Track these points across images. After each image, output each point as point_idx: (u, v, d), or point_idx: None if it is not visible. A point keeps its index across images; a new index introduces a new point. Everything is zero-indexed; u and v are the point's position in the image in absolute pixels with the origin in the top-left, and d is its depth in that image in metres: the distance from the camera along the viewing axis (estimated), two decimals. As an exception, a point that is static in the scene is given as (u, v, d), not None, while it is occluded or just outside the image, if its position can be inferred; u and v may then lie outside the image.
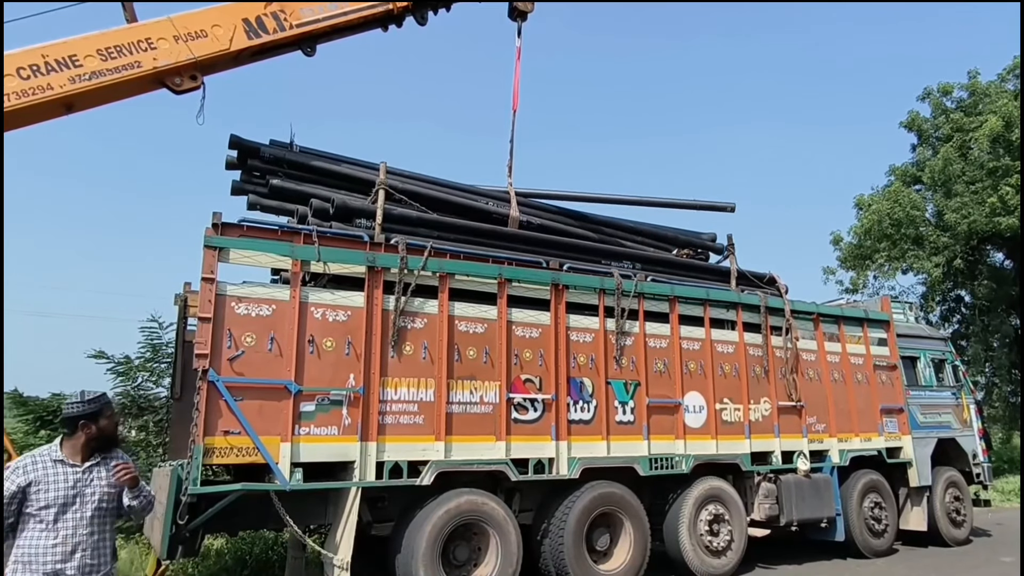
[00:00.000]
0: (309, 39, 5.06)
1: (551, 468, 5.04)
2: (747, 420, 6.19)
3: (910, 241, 15.42)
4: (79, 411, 2.25)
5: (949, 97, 16.11)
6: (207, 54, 4.58)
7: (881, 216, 15.14)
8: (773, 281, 7.16)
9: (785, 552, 6.86)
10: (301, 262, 4.47)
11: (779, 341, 6.65)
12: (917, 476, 7.18)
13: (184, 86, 4.55)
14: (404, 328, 4.70)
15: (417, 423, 4.63)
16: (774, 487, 6.16)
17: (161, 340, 7.53)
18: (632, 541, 5.27)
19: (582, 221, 6.62)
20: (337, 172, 5.51)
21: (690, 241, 7.18)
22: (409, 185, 5.57)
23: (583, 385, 5.37)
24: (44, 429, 7.11)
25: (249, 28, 4.72)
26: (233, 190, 5.53)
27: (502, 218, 5.88)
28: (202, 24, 4.59)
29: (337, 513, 4.39)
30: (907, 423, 7.35)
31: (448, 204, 5.75)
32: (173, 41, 4.48)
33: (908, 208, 14.95)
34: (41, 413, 7.17)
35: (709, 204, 7.52)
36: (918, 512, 7.28)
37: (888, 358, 7.50)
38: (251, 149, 5.31)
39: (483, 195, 6.10)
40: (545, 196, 6.67)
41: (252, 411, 4.11)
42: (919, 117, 16.51)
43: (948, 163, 14.61)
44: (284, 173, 5.28)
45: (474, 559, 4.73)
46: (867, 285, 16.61)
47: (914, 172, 16.41)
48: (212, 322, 4.08)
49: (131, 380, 7.46)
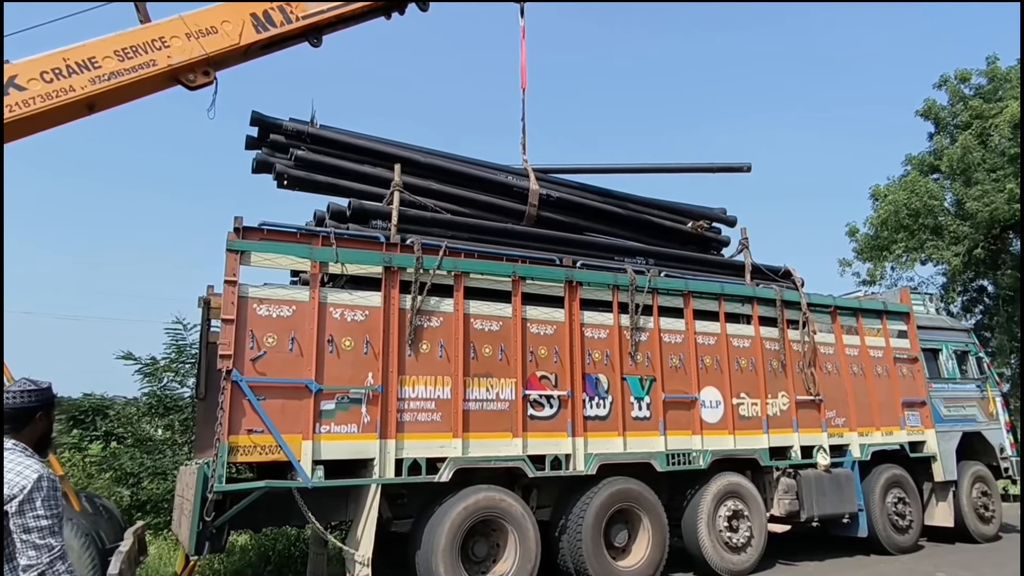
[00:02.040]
0: (315, 30, 5.17)
1: (568, 464, 5.06)
2: (765, 415, 6.14)
3: (928, 231, 15.08)
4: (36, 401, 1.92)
5: (967, 84, 15.72)
6: (218, 49, 4.72)
7: (898, 206, 14.83)
8: (789, 274, 7.08)
9: (806, 548, 6.79)
10: (320, 263, 4.55)
11: (796, 335, 6.58)
12: (942, 470, 7.04)
13: (197, 82, 4.71)
14: (420, 327, 4.76)
15: (435, 420, 4.69)
16: (794, 482, 6.10)
17: (185, 341, 7.73)
18: (650, 537, 5.27)
19: (602, 195, 6.65)
20: (358, 146, 5.58)
21: (703, 214, 7.17)
22: (431, 160, 5.67)
23: (598, 381, 5.38)
24: (76, 428, 7.35)
25: (257, 22, 4.87)
26: (256, 166, 5.42)
27: (523, 191, 5.95)
28: (212, 21, 4.75)
29: (358, 510, 4.47)
30: (930, 416, 7.21)
31: (470, 178, 5.83)
32: (185, 39, 4.64)
33: (926, 198, 14.62)
34: (74, 413, 7.42)
35: (724, 166, 7.48)
36: (944, 507, 7.13)
37: (909, 350, 7.37)
38: (273, 124, 5.39)
39: (502, 170, 6.15)
40: (560, 171, 6.70)
41: (274, 410, 4.20)
42: (935, 105, 16.13)
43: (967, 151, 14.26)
44: (306, 147, 5.34)
45: (493, 555, 4.77)
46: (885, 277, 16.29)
47: (931, 161, 16.04)
48: (235, 323, 4.18)
49: (157, 380, 7.67)
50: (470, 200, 5.78)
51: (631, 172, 7.16)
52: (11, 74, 4.18)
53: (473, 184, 5.85)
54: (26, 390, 1.92)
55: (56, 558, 1.73)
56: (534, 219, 6.04)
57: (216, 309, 5.04)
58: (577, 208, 6.37)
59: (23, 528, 1.72)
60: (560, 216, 6.24)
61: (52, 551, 1.73)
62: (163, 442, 7.46)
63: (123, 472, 7.04)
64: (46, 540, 1.73)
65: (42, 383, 1.96)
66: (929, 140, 16.72)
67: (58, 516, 1.78)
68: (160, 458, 7.19)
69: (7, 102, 4.13)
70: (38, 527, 1.72)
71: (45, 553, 1.72)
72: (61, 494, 1.83)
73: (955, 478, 7.14)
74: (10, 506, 1.71)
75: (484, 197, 5.85)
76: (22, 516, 1.72)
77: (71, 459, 6.95)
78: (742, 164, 7.45)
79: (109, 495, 6.58)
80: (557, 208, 6.21)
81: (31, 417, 1.90)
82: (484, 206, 5.86)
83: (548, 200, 6.06)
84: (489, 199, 5.88)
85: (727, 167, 7.50)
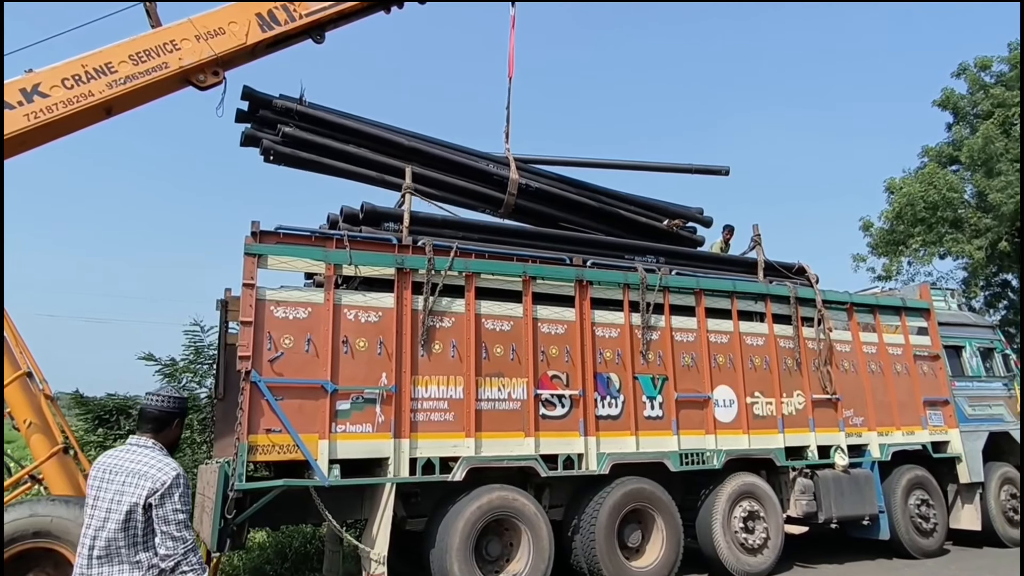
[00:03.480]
0: (318, 27, 5.31)
1: (580, 464, 5.06)
2: (780, 414, 6.06)
3: (948, 224, 14.68)
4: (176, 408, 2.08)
5: (988, 72, 15.27)
6: (226, 49, 4.89)
7: (914, 199, 14.46)
8: (803, 271, 6.98)
9: (825, 550, 6.68)
10: (334, 266, 4.63)
11: (811, 332, 6.48)
12: (967, 472, 6.86)
13: (208, 82, 4.90)
14: (433, 327, 4.81)
15: (448, 420, 4.73)
16: (811, 483, 6.01)
17: (203, 343, 7.89)
18: (664, 538, 5.24)
19: (580, 188, 6.66)
20: (345, 126, 5.63)
21: (679, 212, 7.14)
22: (414, 143, 5.76)
23: (610, 380, 5.37)
24: (102, 427, 7.57)
25: (262, 22, 5.04)
26: (244, 139, 5.45)
27: (502, 180, 6.00)
28: (219, 22, 4.92)
29: (373, 508, 4.53)
30: (954, 416, 7.04)
31: (451, 163, 5.89)
32: (195, 40, 4.82)
33: (945, 190, 14.23)
34: (99, 412, 7.65)
35: (703, 167, 7.45)
36: (970, 510, 6.95)
37: (930, 347, 7.21)
38: (263, 100, 5.45)
39: (484, 158, 6.19)
40: (541, 162, 6.74)
41: (292, 410, 4.29)
42: (954, 94, 15.68)
43: (989, 141, 13.86)
44: (294, 124, 5.42)
45: (506, 554, 4.80)
46: (901, 272, 15.91)
47: (950, 152, 15.61)
48: (253, 325, 4.28)
49: (176, 381, 7.85)
50: (450, 185, 5.83)
51: (611, 168, 7.18)
52: (35, 82, 4.36)
53: (454, 170, 5.90)
54: (170, 397, 2.11)
55: (189, 550, 1.89)
56: (512, 208, 6.09)
57: (234, 311, 5.16)
58: (555, 199, 6.39)
59: (163, 520, 1.88)
60: (538, 206, 6.29)
61: (187, 543, 1.88)
62: (183, 441, 7.63)
63: (146, 470, 7.20)
64: (182, 533, 1.89)
65: (181, 393, 2.18)
66: (947, 131, 16.27)
67: (190, 512, 1.94)
68: (181, 457, 7.36)
69: (32, 109, 4.31)
70: (176, 520, 1.88)
71: (181, 545, 1.87)
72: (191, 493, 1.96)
73: (981, 479, 6.95)
74: (153, 498, 1.87)
75: (464, 183, 5.90)
76: (162, 508, 1.87)
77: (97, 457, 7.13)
78: (720, 167, 7.41)
79: (133, 493, 6.74)
80: (536, 198, 6.25)
81: (170, 422, 2.09)
82: (464, 192, 5.92)
83: (527, 190, 6.09)
84: (469, 185, 5.93)
85: (706, 169, 7.46)
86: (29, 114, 4.29)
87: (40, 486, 4.46)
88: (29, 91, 4.32)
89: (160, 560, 1.87)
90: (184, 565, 1.86)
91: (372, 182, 5.70)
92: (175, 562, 1.86)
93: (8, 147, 4.36)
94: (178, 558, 1.86)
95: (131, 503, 1.86)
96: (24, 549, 3.75)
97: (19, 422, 4.28)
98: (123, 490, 1.88)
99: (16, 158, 4.51)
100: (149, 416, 2.04)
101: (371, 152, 5.59)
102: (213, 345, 7.27)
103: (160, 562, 1.86)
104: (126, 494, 1.87)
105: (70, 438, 4.69)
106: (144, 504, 1.86)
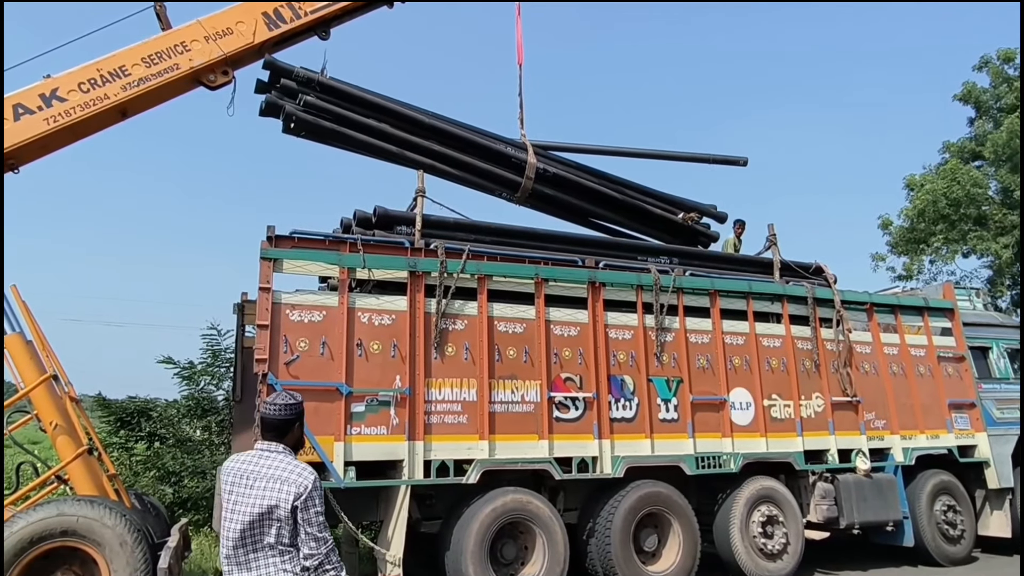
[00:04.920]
0: (323, 23, 5.40)
1: (595, 467, 5.03)
2: (798, 416, 5.95)
3: (971, 221, 14.26)
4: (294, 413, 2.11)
5: (1011, 64, 14.82)
6: (235, 49, 5.01)
7: (936, 196, 14.08)
8: (820, 271, 6.84)
9: (847, 557, 6.52)
10: (348, 269, 4.68)
11: (830, 333, 6.35)
12: (996, 477, 6.64)
13: (218, 81, 5.03)
14: (446, 330, 4.83)
15: (461, 422, 4.74)
16: (831, 487, 5.88)
17: (220, 346, 8.03)
18: (681, 542, 5.18)
19: (597, 177, 6.64)
20: (365, 99, 5.66)
21: (694, 207, 7.11)
22: (434, 122, 5.79)
23: (624, 383, 5.32)
24: (123, 429, 7.75)
25: (269, 20, 5.15)
26: (264, 107, 5.44)
27: (520, 163, 6.01)
28: (227, 23, 5.04)
29: (388, 510, 4.56)
30: (981, 419, 6.82)
31: (470, 143, 5.90)
32: (204, 41, 4.94)
33: (968, 186, 13.83)
34: (121, 415, 7.84)
35: (721, 158, 7.39)
36: (1000, 517, 6.72)
37: (954, 349, 7.00)
38: (284, 70, 5.50)
39: (501, 140, 6.20)
40: (558, 148, 6.73)
41: (308, 412, 4.22)
42: (976, 88, 15.24)
43: (1014, 135, 13.45)
44: (315, 95, 5.46)
45: (521, 557, 4.78)
46: (923, 271, 15.49)
47: (973, 147, 15.18)
48: (269, 328, 4.34)
49: (195, 384, 8.01)
50: (469, 166, 5.84)
51: (627, 156, 7.16)
52: (53, 87, 4.51)
53: (472, 150, 5.91)
54: (288, 403, 2.15)
55: (330, 550, 1.97)
56: (528, 192, 6.09)
57: (250, 315, 5.24)
58: (572, 186, 6.37)
59: (307, 522, 1.95)
60: (555, 192, 6.28)
61: (327, 543, 1.97)
62: (202, 442, 7.78)
63: (166, 471, 7.38)
64: (323, 533, 1.97)
65: (297, 396, 2.22)
66: (969, 125, 15.83)
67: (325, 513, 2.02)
68: (199, 458, 7.51)
69: (52, 113, 4.46)
70: (318, 522, 1.96)
71: (323, 545, 1.96)
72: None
73: (1012, 485, 6.73)
74: (299, 501, 1.94)
75: (482, 164, 5.92)
76: (306, 511, 1.95)
77: (119, 458, 7.32)
78: (739, 158, 7.37)
79: (153, 493, 6.91)
80: (553, 184, 6.24)
81: (291, 426, 2.14)
82: (481, 173, 5.93)
83: (545, 175, 6.09)
84: (487, 167, 5.94)
85: (724, 159, 7.41)
86: (49, 118, 4.43)
87: (66, 486, 4.58)
88: (48, 96, 4.46)
89: (304, 559, 1.96)
90: (327, 564, 1.96)
91: (392, 157, 5.69)
92: (318, 561, 1.95)
93: (29, 151, 4.51)
94: (321, 557, 1.95)
95: (274, 506, 1.94)
96: (52, 548, 3.85)
97: (45, 424, 4.40)
98: (266, 494, 1.95)
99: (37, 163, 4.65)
100: (270, 425, 2.11)
101: (391, 128, 5.59)
102: (230, 348, 7.40)
103: (304, 560, 1.96)
104: (269, 498, 1.94)
105: (94, 439, 4.80)
106: (291, 507, 1.94)
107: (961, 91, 15.59)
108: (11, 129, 4.37)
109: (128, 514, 4.08)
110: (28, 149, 4.47)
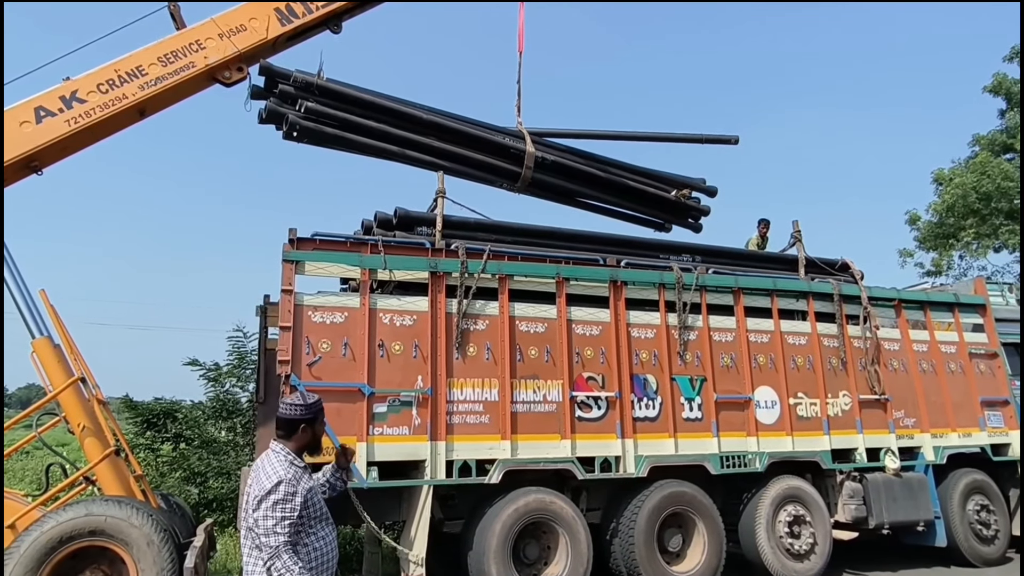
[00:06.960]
0: (334, 17, 5.44)
1: (618, 467, 4.98)
2: (825, 415, 5.82)
3: (1003, 215, 13.82)
4: (301, 414, 2.18)
5: (1043, 52, 14.29)
6: (249, 45, 5.05)
7: (966, 190, 13.67)
8: (846, 267, 6.68)
9: (877, 557, 6.37)
10: (369, 271, 4.68)
11: (856, 330, 6.20)
12: None
13: (233, 78, 5.09)
14: (467, 330, 4.81)
15: (483, 423, 4.72)
16: (860, 487, 5.75)
17: (246, 348, 8.11)
18: (706, 542, 5.10)
19: (592, 160, 6.59)
20: (364, 100, 5.57)
21: (684, 182, 7.03)
22: (432, 118, 5.77)
23: (647, 382, 5.26)
24: (150, 430, 7.88)
25: (281, 16, 5.19)
26: (264, 115, 5.27)
27: (519, 153, 5.99)
28: (241, 19, 5.09)
29: (411, 510, 4.55)
30: (1015, 417, 6.62)
31: (469, 136, 5.89)
32: (219, 39, 4.99)
33: (999, 179, 13.39)
34: (147, 416, 7.97)
35: (712, 137, 7.32)
36: None
37: (987, 345, 6.80)
38: (281, 74, 5.39)
39: (499, 131, 6.16)
40: (552, 135, 6.68)
41: (331, 413, 4.32)
42: (1006, 79, 14.73)
43: (1046, 125, 12.99)
44: (314, 99, 5.39)
45: (544, 558, 4.75)
46: (952, 267, 15.07)
47: (1004, 140, 14.69)
48: (292, 330, 4.36)
49: (220, 385, 8.10)
50: (468, 159, 5.82)
51: (621, 139, 7.08)
52: (73, 89, 4.59)
53: (471, 143, 5.89)
54: (295, 403, 2.20)
55: (272, 556, 2.00)
56: (528, 181, 6.06)
57: (273, 317, 5.27)
58: (570, 172, 6.34)
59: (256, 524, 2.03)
60: (554, 179, 6.25)
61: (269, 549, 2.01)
62: (227, 443, 7.87)
63: (191, 472, 7.48)
64: (267, 539, 2.00)
65: (309, 398, 2.26)
66: (1000, 117, 15.31)
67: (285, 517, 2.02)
68: (224, 459, 7.59)
69: (72, 115, 4.54)
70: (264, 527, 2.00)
71: (265, 551, 2.00)
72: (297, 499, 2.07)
73: (1047, 483, 6.55)
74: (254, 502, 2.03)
75: (482, 157, 5.90)
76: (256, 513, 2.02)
77: (146, 459, 7.45)
78: (730, 136, 7.31)
79: (179, 493, 7.02)
80: (552, 171, 6.21)
81: (296, 427, 2.18)
82: (482, 166, 5.91)
83: (543, 163, 6.06)
84: (487, 159, 5.92)
85: (715, 138, 7.31)
86: (70, 120, 4.51)
87: (94, 487, 4.65)
88: (68, 98, 4.53)
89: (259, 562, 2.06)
90: (273, 571, 2.00)
91: (394, 157, 5.68)
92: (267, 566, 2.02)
93: (50, 153, 4.59)
94: (266, 560, 2.01)
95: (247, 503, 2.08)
96: (80, 547, 3.91)
97: (73, 426, 4.47)
98: (248, 492, 2.08)
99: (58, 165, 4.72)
100: (279, 422, 2.18)
101: (391, 127, 5.58)
102: (255, 350, 7.48)
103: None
104: (246, 495, 2.09)
105: (121, 441, 4.88)
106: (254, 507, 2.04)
107: (991, 82, 15.11)
108: (33, 132, 4.44)
109: (155, 514, 4.13)
110: (50, 151, 4.55)
